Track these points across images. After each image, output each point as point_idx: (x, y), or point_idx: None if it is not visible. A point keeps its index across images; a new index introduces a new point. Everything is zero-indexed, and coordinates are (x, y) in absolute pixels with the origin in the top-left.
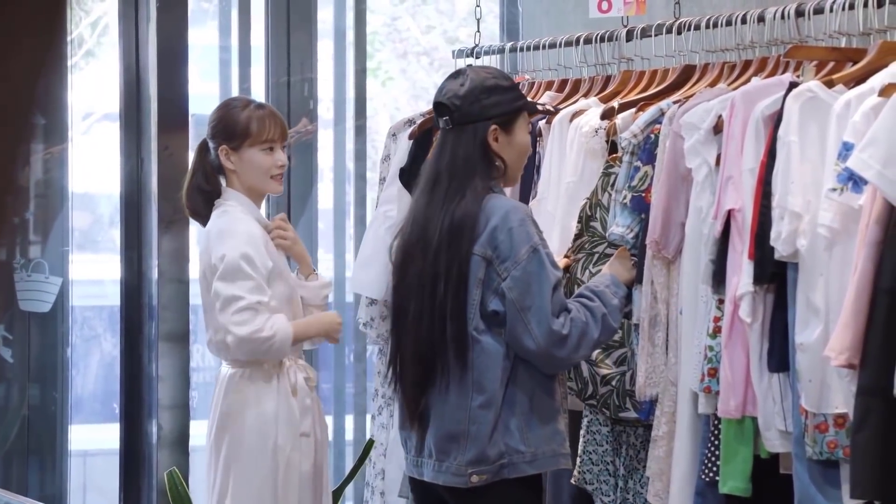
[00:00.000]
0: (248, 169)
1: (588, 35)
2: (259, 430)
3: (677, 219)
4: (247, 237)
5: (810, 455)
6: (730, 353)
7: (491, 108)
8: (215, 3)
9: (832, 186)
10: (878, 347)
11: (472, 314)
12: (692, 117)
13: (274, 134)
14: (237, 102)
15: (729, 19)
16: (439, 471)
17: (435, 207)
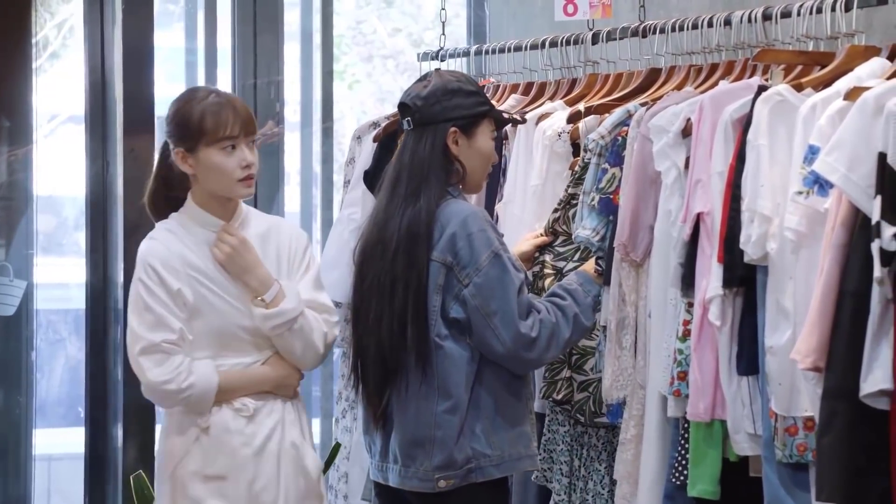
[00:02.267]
0: (208, 173)
1: (554, 38)
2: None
3: (646, 222)
4: (152, 258)
5: (780, 458)
6: (699, 357)
7: (451, 109)
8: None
9: (798, 190)
10: (844, 350)
11: (434, 320)
12: (660, 120)
13: (234, 129)
14: (194, 94)
15: (695, 22)
16: (405, 476)
17: (393, 208)
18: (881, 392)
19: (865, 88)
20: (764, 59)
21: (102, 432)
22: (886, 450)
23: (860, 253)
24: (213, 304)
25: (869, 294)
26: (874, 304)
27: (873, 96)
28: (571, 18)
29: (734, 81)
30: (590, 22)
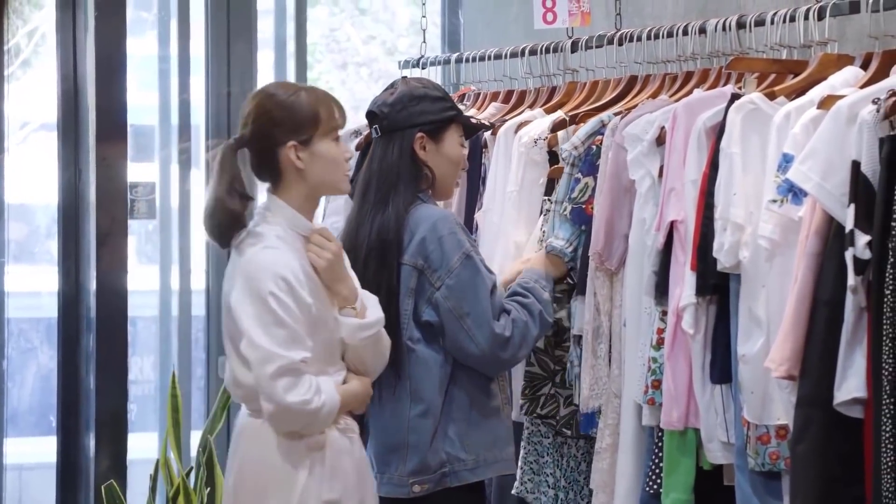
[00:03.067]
0: (320, 165)
1: (533, 46)
2: (277, 488)
3: (620, 230)
4: (284, 270)
5: (752, 466)
6: (672, 365)
7: (418, 115)
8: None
9: (772, 198)
10: (818, 358)
11: (406, 324)
12: (635, 129)
13: (341, 119)
14: (286, 89)
15: (670, 31)
16: (381, 483)
17: (363, 216)
18: (855, 400)
19: (839, 97)
20: (737, 67)
21: (74, 442)
22: (860, 458)
23: (834, 261)
24: (324, 316)
25: (843, 302)
26: (848, 313)
27: (847, 105)
28: (550, 27)
29: (708, 89)
30: (568, 30)
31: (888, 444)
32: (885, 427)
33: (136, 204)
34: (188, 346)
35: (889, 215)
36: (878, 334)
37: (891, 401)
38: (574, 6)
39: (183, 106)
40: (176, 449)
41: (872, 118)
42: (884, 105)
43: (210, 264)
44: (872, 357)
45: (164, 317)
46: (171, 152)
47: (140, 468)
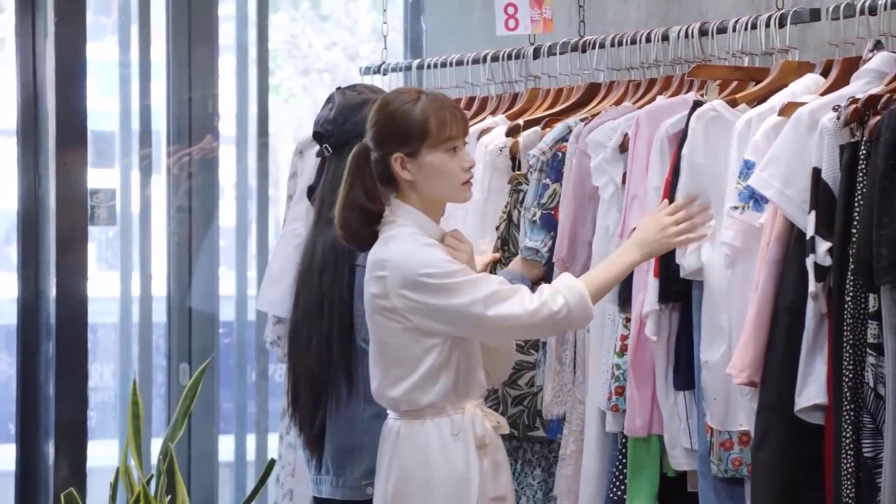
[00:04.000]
0: (430, 178)
1: (495, 52)
2: (448, 493)
3: (584, 237)
4: (429, 255)
5: (715, 473)
6: (636, 372)
7: (361, 123)
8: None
9: (734, 205)
10: (779, 365)
11: (361, 325)
12: (598, 135)
13: (457, 129)
14: (404, 97)
15: (634, 37)
16: (337, 486)
17: (318, 233)
18: (816, 406)
19: (800, 104)
20: (699, 74)
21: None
22: (821, 464)
23: (795, 268)
24: None
25: (804, 309)
26: (809, 320)
27: (808, 112)
28: (512, 33)
29: (672, 96)
30: (531, 36)
31: (848, 451)
32: (846, 433)
33: (97, 210)
34: (149, 353)
35: (849, 222)
36: (838, 341)
37: (851, 407)
38: (536, 13)
39: (144, 112)
40: (136, 456)
41: (833, 125)
42: (844, 112)
43: (171, 271)
44: (833, 363)
45: (124, 323)
46: (132, 158)
47: (100, 476)
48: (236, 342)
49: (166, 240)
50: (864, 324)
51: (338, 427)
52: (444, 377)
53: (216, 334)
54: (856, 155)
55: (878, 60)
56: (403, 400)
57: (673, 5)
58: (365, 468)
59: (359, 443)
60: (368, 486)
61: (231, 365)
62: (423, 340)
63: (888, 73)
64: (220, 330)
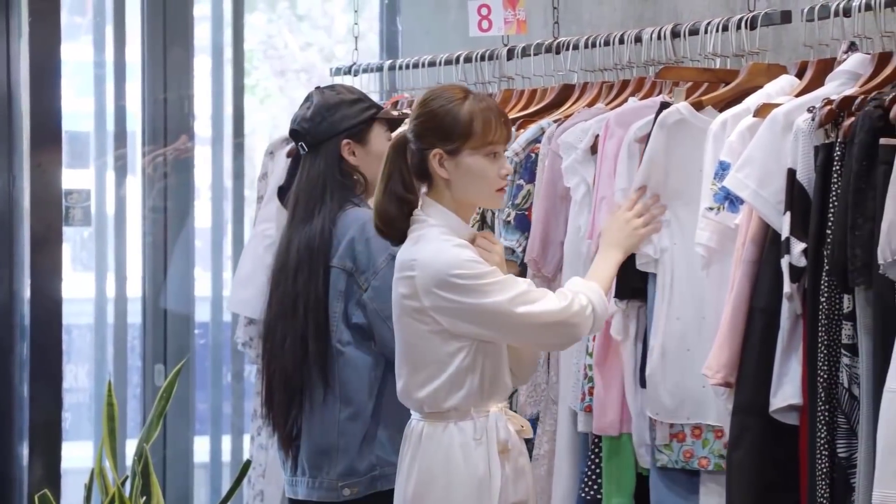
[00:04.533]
0: (466, 179)
1: (468, 53)
2: (468, 497)
3: (556, 237)
4: (459, 255)
5: (665, 463)
6: (604, 371)
7: (339, 122)
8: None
9: (709, 206)
10: (754, 366)
11: (336, 326)
12: (570, 137)
13: (501, 135)
14: (452, 94)
15: (607, 39)
16: (313, 487)
17: (293, 231)
18: (791, 407)
19: (775, 105)
20: (667, 76)
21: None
22: (796, 464)
23: (770, 269)
24: None
25: (779, 310)
26: (784, 320)
27: (783, 113)
28: (486, 34)
29: (644, 98)
30: (504, 37)
31: (823, 451)
32: (820, 434)
33: (72, 211)
34: (124, 354)
35: (824, 223)
36: (813, 341)
37: (826, 407)
38: (510, 14)
39: (119, 112)
40: (111, 458)
41: (808, 126)
42: (819, 113)
43: (146, 272)
44: (808, 364)
45: (99, 324)
46: (107, 159)
47: (74, 477)
48: (212, 343)
49: (141, 240)
50: (839, 324)
51: (313, 428)
52: (470, 380)
53: (191, 335)
54: (830, 156)
55: (853, 62)
56: (428, 402)
57: (648, 7)
58: (341, 469)
59: (334, 444)
60: (345, 488)
61: (206, 366)
62: (451, 343)
63: (862, 74)
64: (195, 331)
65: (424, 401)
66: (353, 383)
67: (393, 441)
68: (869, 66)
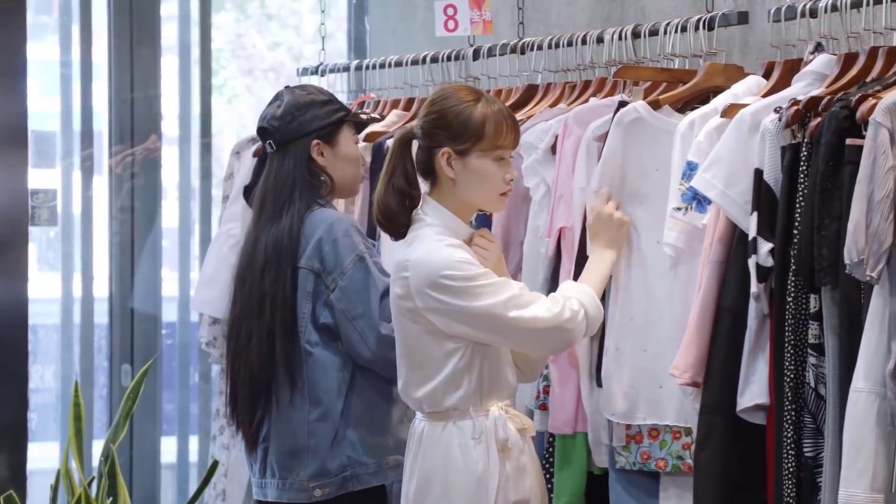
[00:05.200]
0: (472, 181)
1: (435, 54)
2: (467, 496)
3: (517, 237)
4: (452, 255)
5: (622, 465)
6: (559, 370)
7: (309, 122)
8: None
9: (676, 206)
10: (721, 366)
11: (304, 327)
12: (530, 137)
13: (511, 140)
14: (464, 95)
15: (571, 39)
16: (283, 489)
17: (260, 229)
18: (758, 406)
19: (742, 106)
20: (625, 75)
21: None
22: (762, 464)
23: (737, 269)
24: None
25: (746, 310)
26: (751, 320)
27: (749, 113)
28: (452, 34)
29: (605, 98)
30: (470, 38)
31: (789, 450)
32: (787, 433)
33: (38, 211)
34: (90, 355)
35: (791, 223)
36: (780, 341)
37: (792, 407)
38: (476, 14)
39: (85, 112)
40: (78, 458)
41: (774, 127)
42: (786, 114)
43: (113, 272)
44: (774, 363)
45: (65, 325)
46: (74, 159)
47: (40, 478)
48: (179, 343)
49: (108, 240)
50: (805, 324)
51: (281, 430)
52: (467, 381)
53: (159, 335)
54: (797, 156)
55: (819, 62)
56: (426, 401)
57: (616, 7)
58: (312, 471)
59: (304, 445)
60: (316, 489)
61: (174, 366)
62: (446, 343)
63: (829, 75)
64: (162, 331)
65: (423, 400)
66: (321, 384)
67: (363, 441)
68: (835, 66)
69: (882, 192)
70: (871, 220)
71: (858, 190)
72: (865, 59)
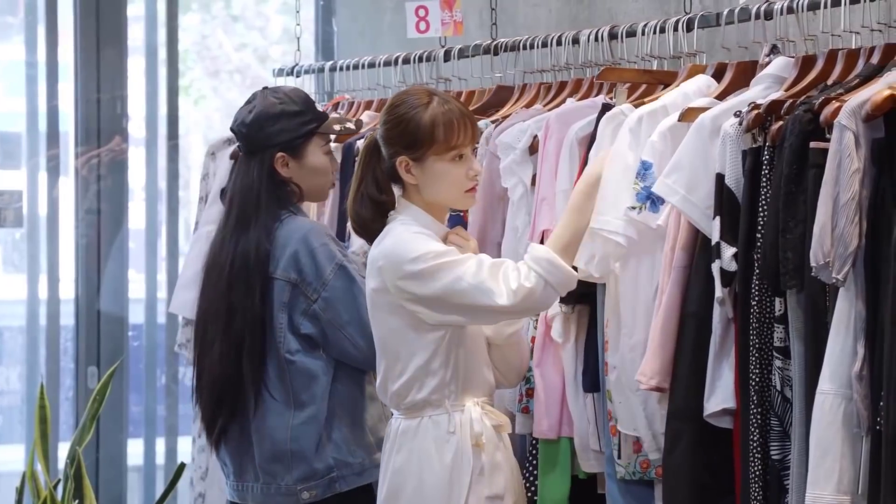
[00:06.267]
0: (434, 184)
1: (406, 55)
2: (439, 490)
3: (494, 238)
4: (423, 243)
5: (622, 475)
6: (542, 374)
7: (276, 135)
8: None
9: (631, 205)
10: (687, 371)
11: (283, 337)
12: (508, 137)
13: (465, 138)
14: (416, 99)
15: (545, 40)
16: (268, 494)
17: (227, 233)
18: (724, 411)
19: (701, 109)
20: (608, 77)
21: None
22: (731, 468)
23: (701, 274)
24: None
25: (710, 315)
26: (716, 325)
27: (710, 118)
28: (423, 35)
29: (581, 99)
30: (441, 39)
31: (756, 454)
32: (753, 436)
33: (3, 212)
34: (56, 357)
35: (754, 227)
36: (745, 345)
37: (758, 410)
38: (447, 15)
39: (51, 112)
40: (43, 461)
41: (735, 131)
42: (746, 118)
43: (79, 273)
44: (740, 368)
45: (31, 327)
46: (40, 160)
47: (6, 481)
48: (146, 345)
49: (74, 242)
50: (770, 328)
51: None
52: (442, 372)
53: (125, 337)
54: (758, 160)
55: (776, 65)
56: (402, 394)
57: (583, 9)
58: (299, 474)
59: (288, 449)
60: (304, 491)
61: (140, 368)
62: (422, 335)
63: (786, 77)
64: (129, 333)
65: (399, 393)
66: (306, 389)
67: (348, 442)
68: (793, 69)
69: (847, 195)
70: (837, 223)
71: (824, 193)
72: (824, 61)
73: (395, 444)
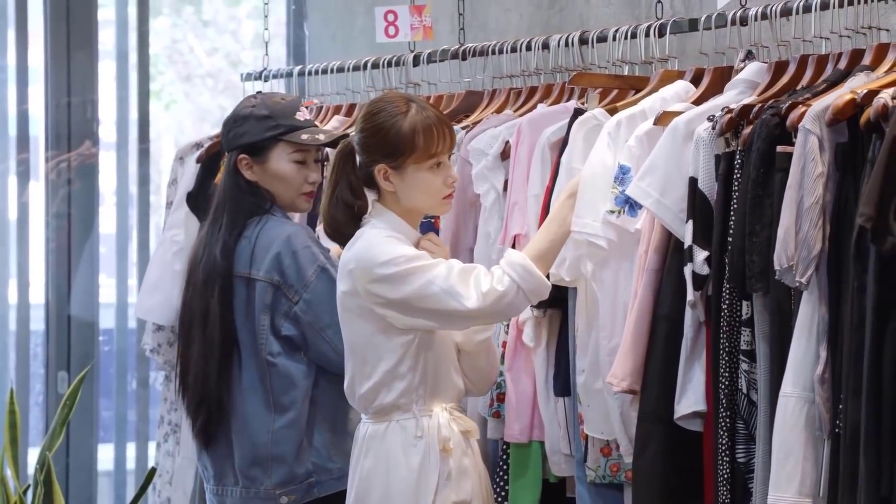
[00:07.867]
0: (412, 191)
1: (375, 60)
2: (406, 494)
3: (466, 244)
4: (393, 247)
5: (592, 479)
6: (514, 378)
7: (239, 137)
8: None
9: (609, 209)
10: (658, 373)
11: (265, 339)
12: (479, 143)
13: (443, 146)
14: (394, 107)
15: (514, 46)
16: (247, 498)
17: (202, 234)
18: (695, 414)
19: (676, 113)
20: (579, 82)
21: None
22: (700, 471)
23: (673, 277)
24: None
25: (682, 318)
26: (687, 328)
27: (684, 122)
28: (392, 40)
29: (552, 104)
30: (411, 44)
31: (724, 457)
32: (721, 439)
33: None
34: (26, 362)
35: (726, 231)
36: (715, 348)
37: (727, 413)
38: (416, 20)
39: (21, 116)
40: (13, 466)
41: (708, 135)
42: (719, 122)
43: (49, 278)
44: (710, 371)
45: (1, 331)
46: (10, 164)
47: None
48: (116, 350)
49: (44, 246)
50: (738, 331)
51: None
52: (410, 376)
53: (96, 342)
54: (731, 164)
55: (750, 71)
56: (370, 397)
57: (554, 14)
58: (278, 478)
59: (268, 453)
60: (283, 496)
61: (111, 373)
62: (391, 339)
63: (760, 82)
64: (99, 338)
65: (367, 397)
66: (287, 393)
67: (327, 447)
68: (766, 74)
69: (811, 199)
70: (801, 227)
71: (788, 196)
72: (796, 67)
73: (363, 449)
